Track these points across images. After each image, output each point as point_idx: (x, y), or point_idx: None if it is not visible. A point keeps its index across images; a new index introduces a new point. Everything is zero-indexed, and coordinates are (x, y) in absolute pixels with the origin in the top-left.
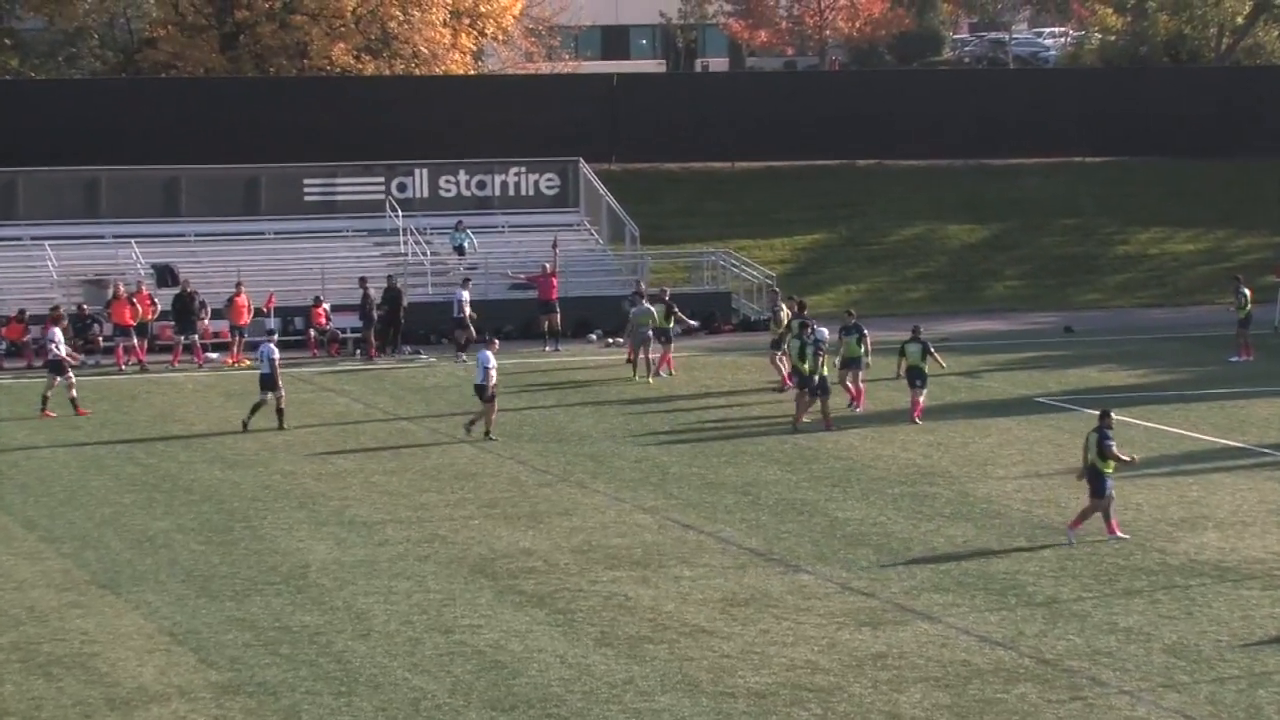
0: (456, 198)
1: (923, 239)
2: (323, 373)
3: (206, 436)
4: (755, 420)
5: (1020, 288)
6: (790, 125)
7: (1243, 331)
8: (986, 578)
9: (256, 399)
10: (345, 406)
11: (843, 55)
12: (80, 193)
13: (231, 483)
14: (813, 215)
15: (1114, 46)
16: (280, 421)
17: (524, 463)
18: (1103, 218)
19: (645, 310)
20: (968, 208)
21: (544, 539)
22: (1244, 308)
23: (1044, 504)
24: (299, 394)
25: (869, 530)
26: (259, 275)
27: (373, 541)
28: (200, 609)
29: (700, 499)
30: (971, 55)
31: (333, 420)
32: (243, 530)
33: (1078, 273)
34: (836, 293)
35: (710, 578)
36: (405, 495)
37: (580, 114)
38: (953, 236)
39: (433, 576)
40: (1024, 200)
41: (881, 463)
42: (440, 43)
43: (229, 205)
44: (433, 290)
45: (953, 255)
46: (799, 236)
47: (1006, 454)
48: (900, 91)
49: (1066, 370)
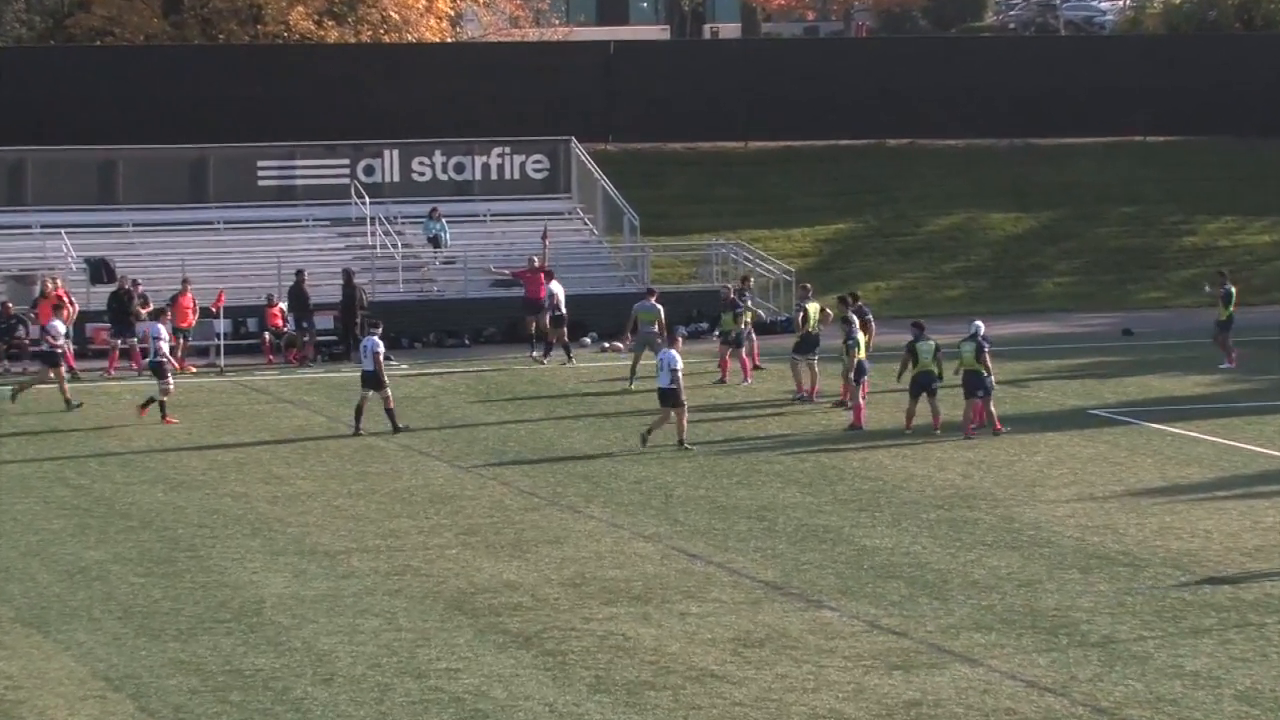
0: (431, 182)
1: (962, 229)
2: (280, 381)
3: (147, 453)
4: (771, 436)
5: (1072, 285)
6: (811, 100)
7: (1223, 335)
8: (1034, 614)
9: (358, 398)
10: (305, 420)
11: (871, 20)
12: (2, 177)
13: (175, 506)
14: (836, 202)
15: (1179, 10)
16: (393, 423)
17: (508, 484)
18: (1166, 205)
19: (650, 307)
20: (1013, 194)
21: (531, 570)
22: (1228, 308)
23: (1099, 530)
24: (253, 405)
25: (900, 560)
26: (207, 270)
27: (336, 573)
28: (140, 650)
29: (709, 525)
30: (1017, 20)
31: (291, 435)
32: (188, 561)
33: (1138, 268)
34: (863, 290)
35: (720, 615)
36: (373, 521)
37: (573, 87)
38: (996, 226)
39: (404, 613)
40: (1077, 185)
41: (915, 484)
42: (413, 6)
43: (172, 191)
44: (404, 288)
45: (996, 248)
46: (820, 226)
47: (1057, 474)
48: (936, 61)
49: (1125, 378)
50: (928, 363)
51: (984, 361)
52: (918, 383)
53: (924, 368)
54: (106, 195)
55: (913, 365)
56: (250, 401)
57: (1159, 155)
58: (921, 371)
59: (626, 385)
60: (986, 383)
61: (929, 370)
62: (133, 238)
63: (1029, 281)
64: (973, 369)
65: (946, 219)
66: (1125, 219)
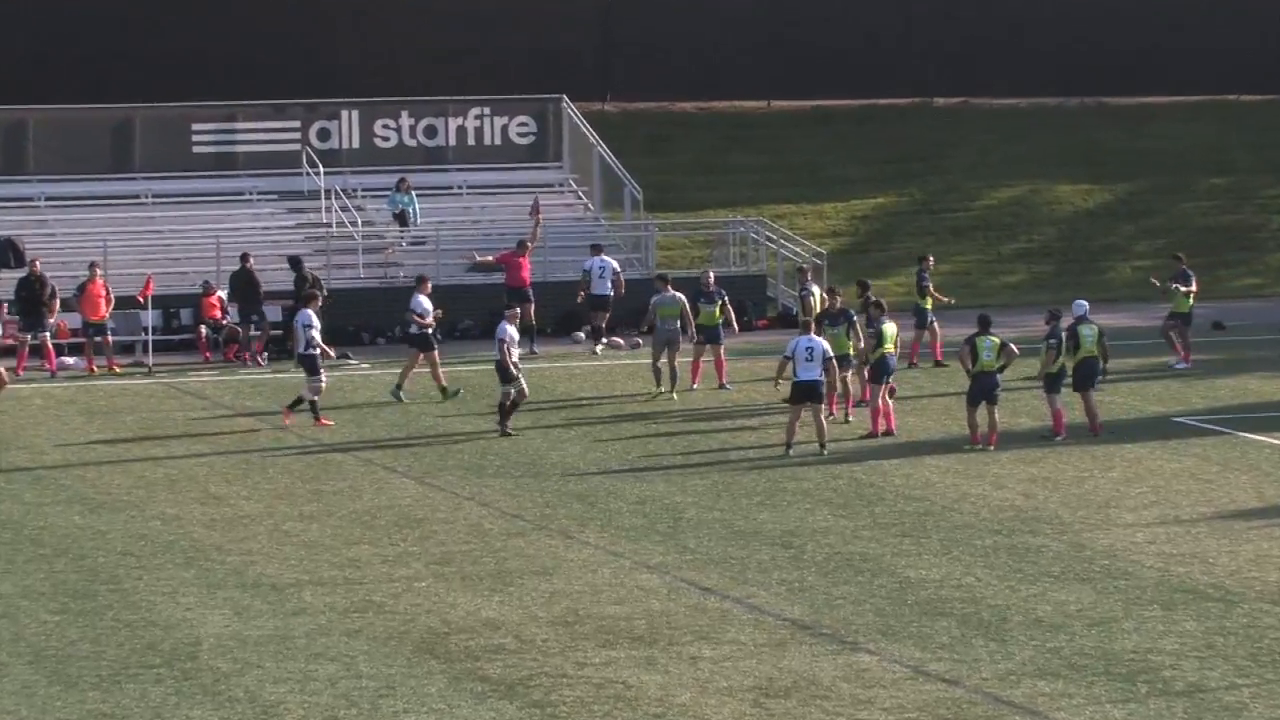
0: (398, 148)
1: (1023, 204)
2: (219, 383)
3: (62, 469)
4: (797, 446)
5: (1153, 268)
6: (845, 52)
7: (1180, 327)
8: (1109, 658)
9: (499, 395)
10: (249, 429)
11: None
12: None
13: (95, 531)
14: (876, 172)
15: None
16: (503, 421)
17: (488, 505)
18: (1262, 175)
19: (671, 300)
20: (1083, 162)
21: (515, 607)
22: (1185, 299)
23: (1185, 559)
24: (187, 411)
25: (951, 595)
26: (132, 253)
27: (285, 610)
28: (54, 700)
29: (725, 553)
30: None
31: (233, 448)
32: (110, 595)
33: (1229, 249)
34: (907, 275)
35: (739, 659)
36: (329, 548)
37: (564, 37)
38: (1063, 200)
39: (365, 657)
40: (1158, 152)
41: (968, 504)
42: None
43: (92, 159)
44: (365, 273)
45: (1063, 226)
46: (857, 201)
47: (1135, 492)
48: (993, 5)
49: (1215, 380)
50: (990, 363)
51: (1103, 347)
52: (979, 387)
53: (984, 368)
54: (13, 164)
55: (972, 365)
56: (184, 407)
57: (1253, 116)
58: (981, 373)
59: (654, 392)
60: (1099, 369)
61: (990, 371)
62: (45, 214)
63: (1102, 265)
64: (1092, 355)
65: (1005, 192)
66: (1215, 192)
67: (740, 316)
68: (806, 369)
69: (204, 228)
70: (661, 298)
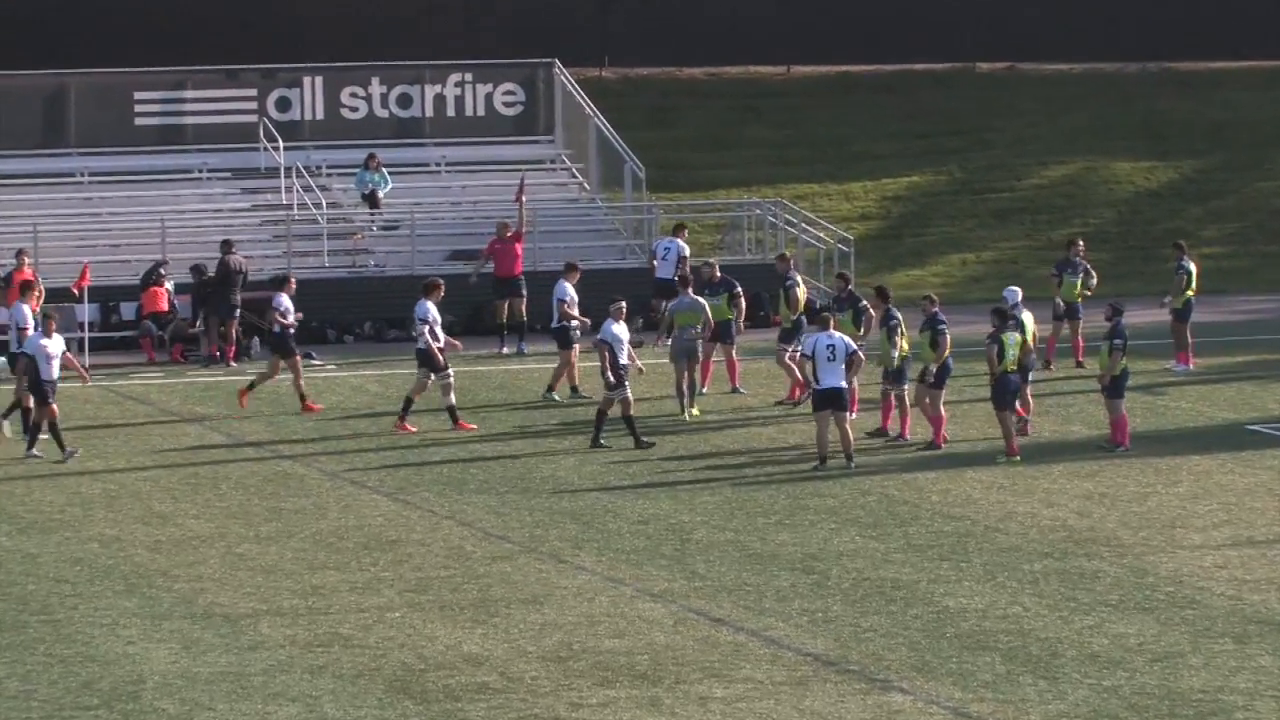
0: (367, 120)
1: (1077, 183)
2: (165, 386)
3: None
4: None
5: (1225, 256)
6: (874, 12)
7: (1179, 326)
8: (1174, 698)
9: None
10: (199, 438)
11: None
12: None
13: (25, 555)
14: (909, 147)
15: None
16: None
17: (470, 524)
18: None
19: (690, 305)
20: (1145, 136)
21: (500, 640)
22: (1184, 292)
23: (1260, 586)
24: (128, 418)
25: (995, 627)
26: (67, 238)
27: (240, 644)
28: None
29: (739, 579)
30: None
31: (181, 461)
32: (42, 627)
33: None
34: (945, 264)
35: (754, 699)
36: (289, 574)
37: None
38: (1123, 179)
39: (330, 697)
40: (1230, 124)
41: (1015, 524)
42: None
43: (20, 133)
44: (330, 260)
45: (1122, 208)
46: (888, 180)
47: (1204, 510)
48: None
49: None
50: (1011, 362)
51: (1028, 350)
52: (1003, 389)
53: (1008, 367)
54: None
55: (999, 364)
56: (124, 414)
57: None
58: (1006, 373)
59: (684, 418)
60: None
61: (1012, 372)
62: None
63: (1166, 253)
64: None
65: (1056, 170)
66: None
67: (756, 311)
68: (828, 372)
69: (148, 210)
70: (679, 302)
